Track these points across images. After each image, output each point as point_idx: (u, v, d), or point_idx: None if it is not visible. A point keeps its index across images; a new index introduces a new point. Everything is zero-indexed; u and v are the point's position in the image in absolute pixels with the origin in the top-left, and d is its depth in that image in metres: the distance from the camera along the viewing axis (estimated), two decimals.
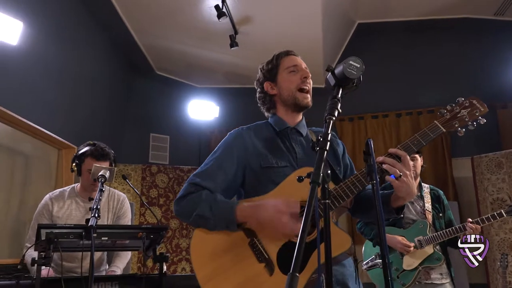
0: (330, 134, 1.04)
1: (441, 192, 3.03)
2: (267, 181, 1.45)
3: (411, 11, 5.88)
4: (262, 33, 5.40)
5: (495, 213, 2.72)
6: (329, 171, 0.97)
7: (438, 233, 2.76)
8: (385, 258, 1.00)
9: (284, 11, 4.96)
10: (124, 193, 2.76)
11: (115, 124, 6.07)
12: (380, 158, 1.31)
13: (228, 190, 1.51)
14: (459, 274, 4.09)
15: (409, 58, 6.28)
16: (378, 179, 1.31)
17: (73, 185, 2.69)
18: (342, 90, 1.18)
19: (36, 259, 1.81)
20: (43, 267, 1.84)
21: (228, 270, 1.34)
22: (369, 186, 1.57)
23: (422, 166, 3.03)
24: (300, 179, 0.99)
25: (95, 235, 1.83)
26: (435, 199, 2.97)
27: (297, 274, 0.78)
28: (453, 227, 2.77)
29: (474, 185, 4.99)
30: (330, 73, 1.20)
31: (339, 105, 1.13)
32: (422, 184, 3.02)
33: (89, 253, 2.35)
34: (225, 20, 4.91)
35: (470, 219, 2.72)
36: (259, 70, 1.70)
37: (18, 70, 3.67)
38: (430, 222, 2.84)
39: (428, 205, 2.91)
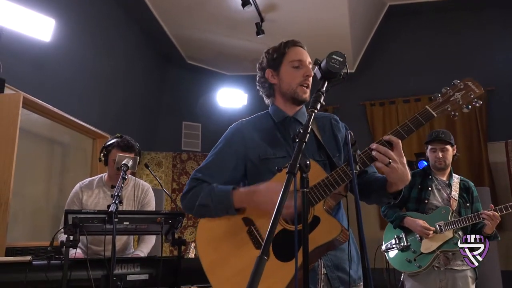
0: (310, 127, 1.08)
1: (471, 183, 2.99)
2: (267, 171, 1.50)
3: None
4: (288, 19, 5.41)
5: None
6: (308, 162, 1.02)
7: (458, 219, 2.74)
8: (363, 244, 1.04)
9: None
10: (155, 180, 2.89)
11: (149, 114, 6.29)
12: (374, 146, 1.33)
13: (229, 183, 1.57)
14: (490, 261, 3.99)
15: (443, 40, 6.06)
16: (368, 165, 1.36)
17: (101, 174, 2.87)
18: (328, 83, 1.22)
19: (65, 241, 1.98)
20: (72, 249, 2.01)
21: (229, 257, 1.43)
22: (371, 170, 1.61)
23: (454, 155, 2.99)
24: (279, 169, 1.05)
25: (116, 220, 1.98)
26: (464, 189, 2.93)
27: (265, 257, 0.85)
28: (475, 214, 2.73)
29: (508, 170, 4.83)
30: (317, 66, 1.24)
31: (322, 98, 1.18)
32: (453, 174, 2.99)
33: (117, 236, 2.53)
34: (251, 9, 4.96)
35: (492, 205, 2.68)
36: (264, 54, 1.69)
37: (53, 66, 3.90)
38: (454, 209, 2.81)
39: (454, 193, 2.88)
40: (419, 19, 6.18)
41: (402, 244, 2.88)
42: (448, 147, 2.93)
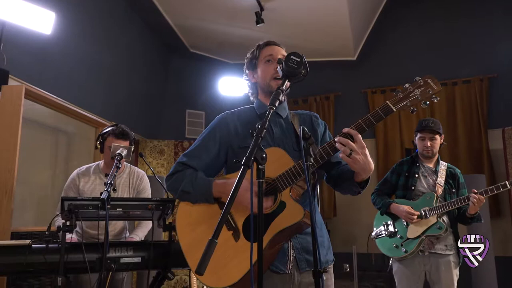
0: (268, 122, 1.18)
1: (458, 170, 3.07)
2: None
3: None
4: (287, 8, 5.43)
5: (499, 184, 2.73)
6: (264, 155, 1.12)
7: (442, 203, 2.83)
8: (314, 232, 1.14)
9: None
10: (157, 167, 3.02)
11: (153, 103, 6.41)
12: (337, 138, 1.43)
13: (212, 168, 1.71)
14: None
15: (444, 27, 6.03)
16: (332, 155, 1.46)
17: (98, 162, 3.00)
18: (288, 82, 1.31)
19: (61, 226, 2.11)
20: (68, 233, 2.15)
21: (205, 238, 1.54)
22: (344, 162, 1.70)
23: (442, 144, 3.08)
24: (236, 162, 1.15)
25: (109, 206, 2.10)
26: (450, 176, 3.02)
27: (216, 240, 0.96)
28: (458, 198, 2.82)
29: (505, 157, 4.86)
30: (279, 66, 1.33)
31: (281, 96, 1.27)
32: (440, 161, 3.07)
33: (111, 221, 2.67)
34: None
35: (475, 190, 2.75)
36: (245, 59, 1.85)
37: (56, 58, 4.01)
38: (439, 195, 2.90)
39: (440, 180, 2.96)
40: (420, 6, 6.16)
41: (390, 230, 2.99)
42: (437, 136, 3.02)
